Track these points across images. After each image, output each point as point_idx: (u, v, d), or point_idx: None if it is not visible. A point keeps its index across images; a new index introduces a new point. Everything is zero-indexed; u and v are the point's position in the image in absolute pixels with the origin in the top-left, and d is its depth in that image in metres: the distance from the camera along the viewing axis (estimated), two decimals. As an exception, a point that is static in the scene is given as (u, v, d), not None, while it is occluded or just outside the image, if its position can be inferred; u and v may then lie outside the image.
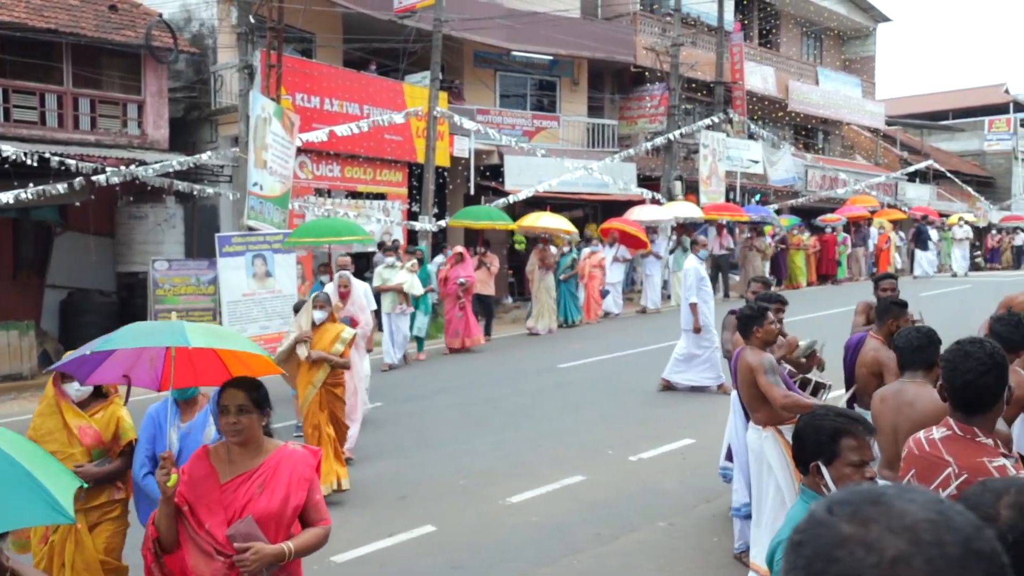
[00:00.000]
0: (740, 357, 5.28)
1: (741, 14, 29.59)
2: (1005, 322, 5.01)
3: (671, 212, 20.26)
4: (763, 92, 28.35)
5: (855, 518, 0.96)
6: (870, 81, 35.65)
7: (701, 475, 7.44)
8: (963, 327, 6.82)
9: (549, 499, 7.06)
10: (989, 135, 41.17)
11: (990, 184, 40.05)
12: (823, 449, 2.79)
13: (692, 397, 10.37)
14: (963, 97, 44.76)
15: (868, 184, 29.79)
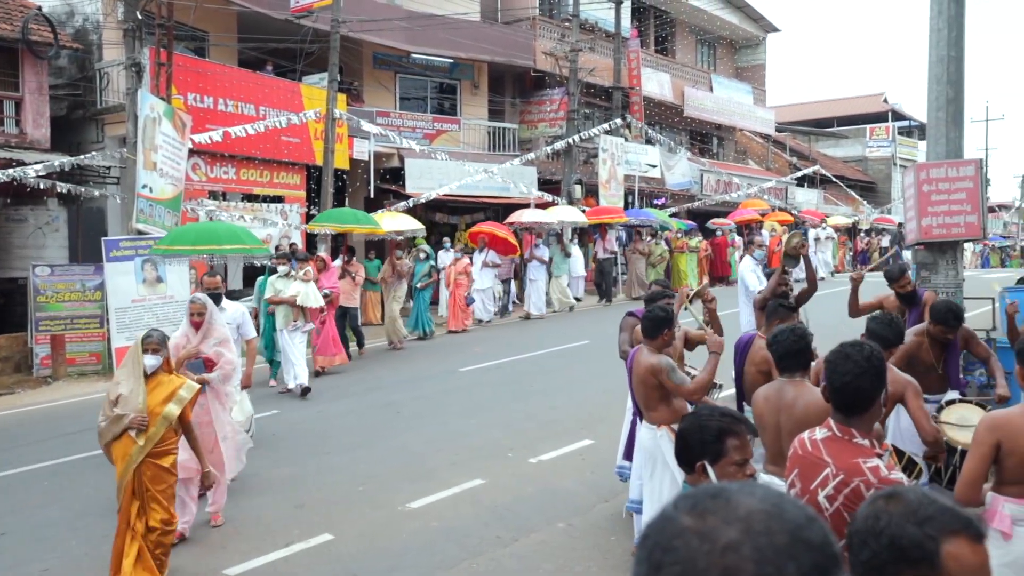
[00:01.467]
0: (636, 358, 5.35)
1: (638, 21, 30.23)
2: (879, 320, 5.26)
3: (554, 216, 20.17)
4: (660, 98, 29.01)
5: (694, 511, 0.99)
6: (761, 89, 36.90)
7: (600, 475, 7.53)
8: (850, 326, 7.13)
9: (448, 503, 7.03)
10: (870, 142, 43.23)
11: (872, 189, 42.02)
12: (708, 448, 2.85)
13: (590, 397, 10.50)
14: (847, 105, 46.82)
15: (760, 188, 30.81)
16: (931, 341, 6.06)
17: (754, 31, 36.20)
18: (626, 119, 25.57)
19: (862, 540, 1.60)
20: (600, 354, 12.30)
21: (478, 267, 17.86)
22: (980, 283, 18.45)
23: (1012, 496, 3.55)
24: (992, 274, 27.43)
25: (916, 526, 1.57)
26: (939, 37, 8.05)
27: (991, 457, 3.58)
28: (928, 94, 8.26)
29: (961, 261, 8.20)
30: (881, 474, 2.83)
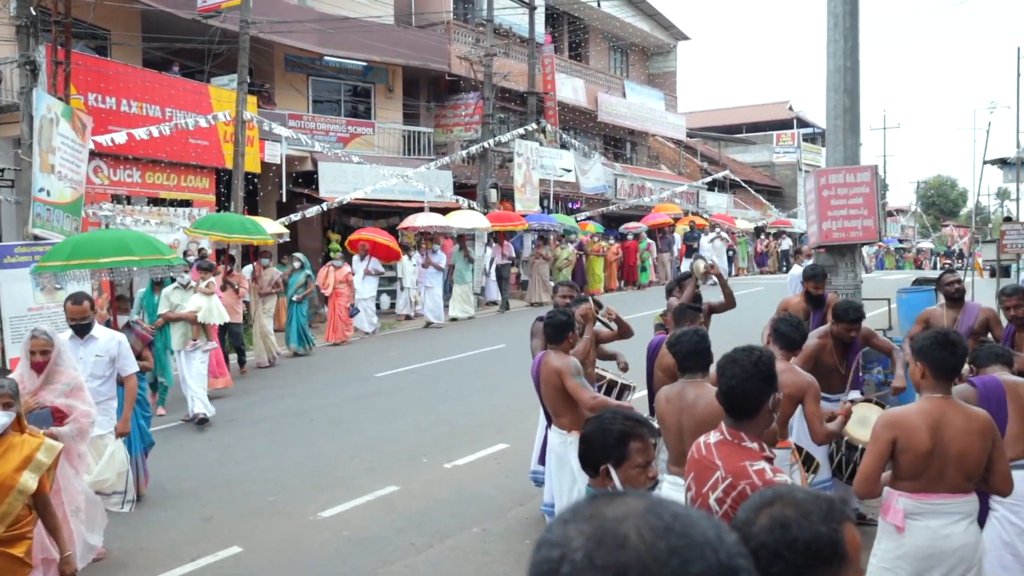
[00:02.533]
0: (543, 362, 5.39)
1: (552, 27, 30.50)
2: (786, 322, 5.42)
3: (454, 221, 19.59)
4: (574, 103, 29.32)
5: (559, 520, 1.00)
6: (672, 95, 37.65)
7: (514, 479, 7.55)
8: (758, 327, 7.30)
9: (362, 511, 6.94)
10: (777, 148, 44.60)
11: (779, 193, 43.30)
12: (611, 452, 2.87)
13: (506, 401, 10.52)
14: (754, 112, 48.18)
15: (673, 192, 31.42)
16: (834, 342, 6.26)
17: (665, 39, 36.93)
18: (541, 124, 25.76)
19: (774, 552, 1.58)
20: (517, 358, 12.32)
21: (360, 276, 16.95)
22: (878, 284, 19.18)
23: (906, 491, 3.69)
24: (891, 276, 28.61)
25: (823, 524, 1.59)
26: (836, 48, 8.35)
27: (887, 453, 3.70)
28: (827, 103, 8.57)
29: (860, 263, 8.52)
30: (766, 476, 2.86)
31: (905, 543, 3.68)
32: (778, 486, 1.70)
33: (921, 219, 59.92)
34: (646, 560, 0.93)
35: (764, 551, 1.57)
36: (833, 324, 6.21)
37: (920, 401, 3.77)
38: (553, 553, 0.96)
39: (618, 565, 0.92)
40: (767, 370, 3.00)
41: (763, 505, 1.63)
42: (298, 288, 14.80)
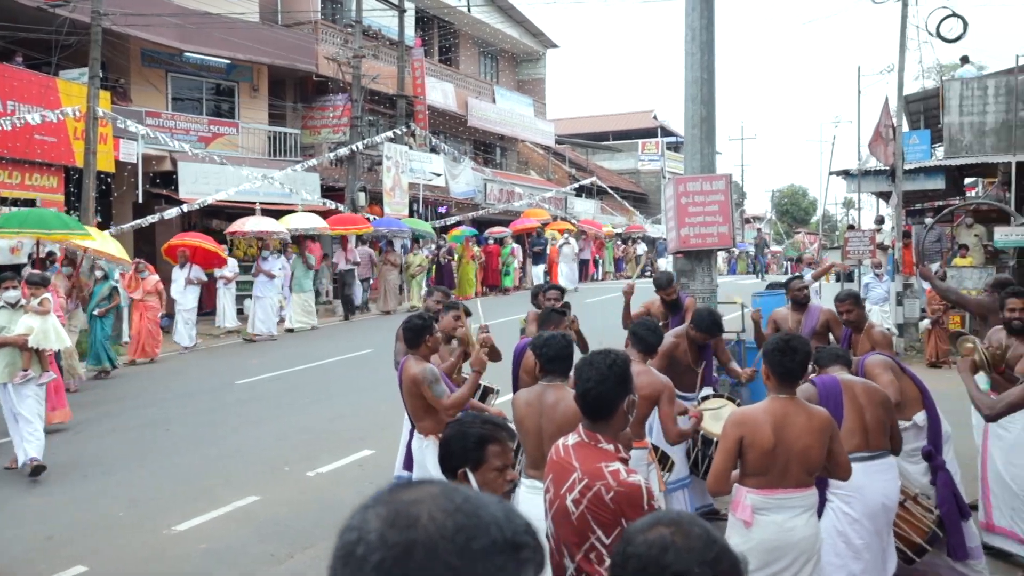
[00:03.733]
0: (404, 367, 5.36)
1: (422, 30, 30.43)
2: (644, 326, 5.58)
3: (290, 223, 18.46)
4: (444, 107, 29.32)
5: (361, 506, 1.09)
6: (541, 102, 38.22)
7: (379, 485, 7.44)
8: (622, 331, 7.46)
9: (220, 523, 6.70)
10: (642, 156, 45.97)
11: (644, 200, 44.64)
12: (470, 455, 2.87)
13: (372, 407, 10.39)
14: (621, 121, 49.51)
15: (541, 198, 31.88)
16: (689, 342, 6.49)
17: (534, 46, 37.45)
18: (410, 127, 25.64)
19: (641, 566, 1.56)
20: (384, 362, 12.15)
21: (181, 285, 15.74)
22: (734, 288, 20.02)
23: (753, 487, 3.85)
24: (745, 280, 29.95)
25: (699, 565, 1.56)
26: (693, 60, 8.68)
27: (736, 451, 3.87)
28: (685, 113, 8.89)
29: (715, 268, 8.87)
30: (620, 477, 2.92)
31: (753, 537, 3.84)
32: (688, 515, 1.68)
33: (776, 226, 62.95)
34: (434, 537, 1.01)
35: (635, 561, 1.58)
36: (692, 329, 6.42)
37: (766, 401, 3.96)
38: (351, 536, 1.04)
39: (407, 543, 1.00)
40: (621, 372, 3.07)
41: (661, 523, 1.63)
42: (100, 301, 12.98)
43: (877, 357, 5.36)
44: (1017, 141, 15.35)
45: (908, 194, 18.15)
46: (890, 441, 4.49)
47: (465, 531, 1.02)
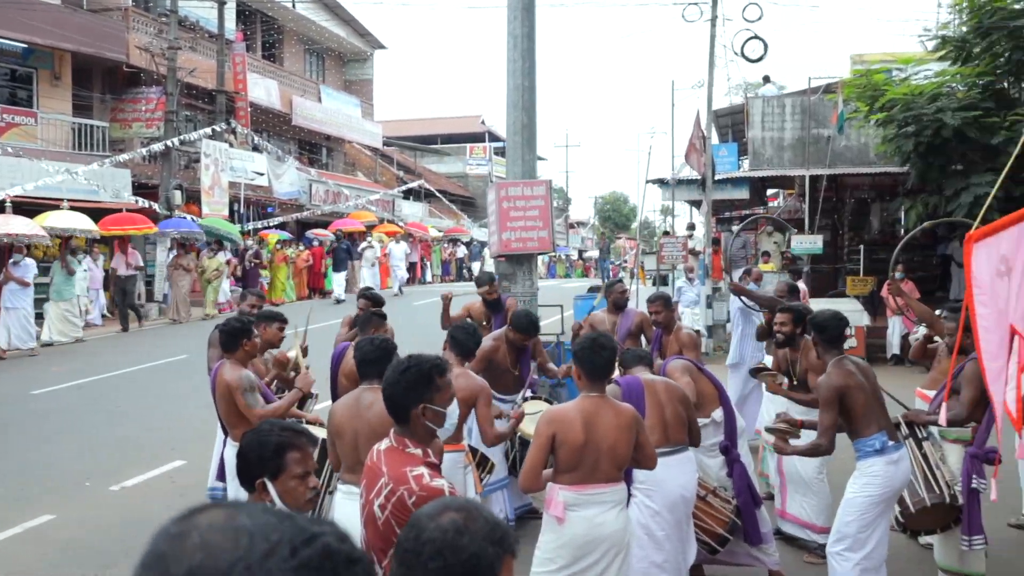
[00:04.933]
0: (218, 372, 5.15)
1: (243, 24, 29.37)
2: (462, 329, 5.62)
3: (49, 223, 16.23)
4: (267, 105, 28.43)
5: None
6: (369, 103, 37.81)
7: (190, 498, 7.09)
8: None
9: (8, 546, 6.18)
10: (470, 160, 46.42)
11: (472, 204, 45.03)
12: (268, 464, 2.78)
13: (185, 416, 9.90)
14: (449, 125, 49.75)
15: (368, 200, 31.52)
16: (508, 345, 6.60)
17: (362, 46, 37.00)
18: (231, 124, 24.68)
19: (437, 550, 1.62)
20: (200, 368, 11.67)
21: None
22: (557, 291, 20.57)
23: (566, 484, 3.96)
24: (568, 283, 30.84)
25: (493, 545, 1.65)
26: (515, 68, 8.84)
27: (548, 448, 3.97)
28: (507, 119, 9.04)
29: (536, 271, 9.07)
30: (423, 482, 2.93)
31: (565, 533, 3.95)
32: (472, 501, 1.77)
33: (599, 231, 65.24)
34: None
35: (431, 546, 1.63)
36: (510, 331, 6.53)
37: (577, 400, 4.09)
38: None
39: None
40: (413, 379, 3.07)
41: (451, 508, 1.71)
42: None
43: (677, 362, 5.66)
44: (810, 156, 16.63)
45: (717, 203, 19.27)
46: (689, 435, 4.75)
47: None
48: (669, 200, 21.05)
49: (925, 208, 13.80)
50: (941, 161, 13.51)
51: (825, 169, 16.50)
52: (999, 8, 12.97)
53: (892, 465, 4.61)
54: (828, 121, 16.51)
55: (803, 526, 6.06)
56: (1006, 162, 13.54)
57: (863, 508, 4.61)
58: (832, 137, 16.39)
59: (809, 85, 17.36)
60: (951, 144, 13.08)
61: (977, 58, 13.63)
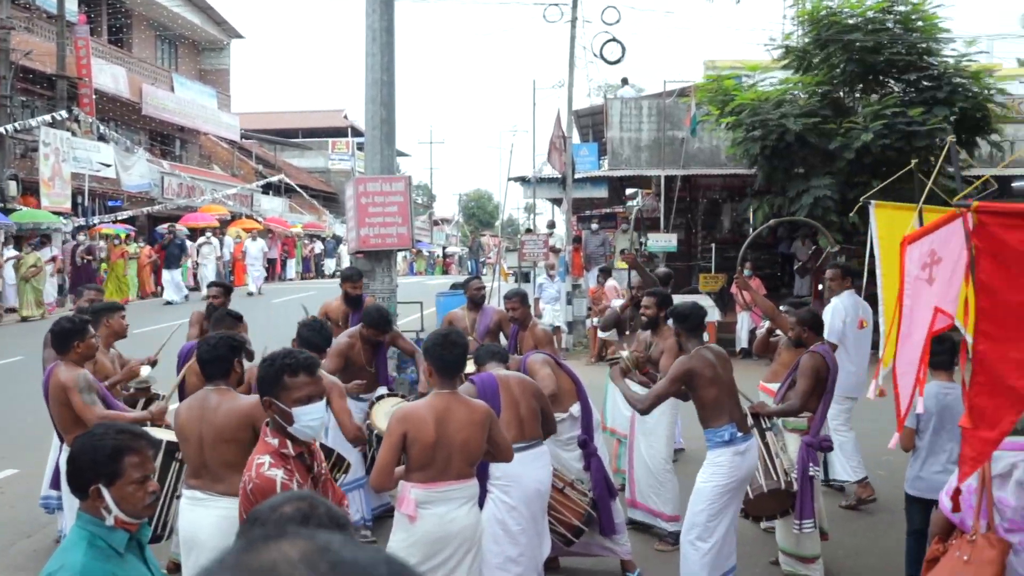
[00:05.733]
0: (52, 374, 4.85)
1: (87, 6, 27.75)
2: (309, 327, 5.50)
3: None
4: (114, 93, 26.98)
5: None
6: (225, 94, 36.51)
7: (21, 508, 6.69)
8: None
9: None
10: (333, 155, 45.59)
11: (335, 199, 44.24)
12: (103, 470, 2.64)
13: (16, 422, 9.26)
14: (311, 118, 48.64)
15: (225, 194, 30.44)
16: (363, 342, 6.50)
17: (218, 35, 35.66)
18: (73, 112, 23.28)
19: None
20: (37, 372, 10.96)
21: None
22: (420, 288, 20.50)
23: (418, 481, 3.93)
24: (432, 281, 30.78)
25: (339, 530, 1.60)
26: (374, 62, 8.72)
27: (400, 447, 3.93)
28: (366, 114, 8.91)
29: (395, 268, 8.98)
30: (260, 470, 3.03)
31: (416, 531, 3.92)
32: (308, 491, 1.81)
33: (463, 228, 65.38)
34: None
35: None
36: (363, 328, 6.44)
37: (428, 397, 4.07)
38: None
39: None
40: (264, 372, 3.22)
41: (292, 499, 1.71)
42: None
43: (538, 355, 5.73)
44: (666, 157, 17.20)
45: (578, 201, 19.66)
46: (545, 426, 4.80)
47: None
48: (531, 198, 21.34)
49: (771, 208, 14.51)
50: (785, 164, 14.24)
51: (679, 170, 17.10)
52: (835, 22, 13.80)
53: (739, 456, 4.81)
54: (682, 123, 17.12)
55: (654, 515, 6.25)
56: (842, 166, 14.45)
57: (712, 497, 4.79)
58: (686, 139, 17.01)
59: (664, 88, 17.95)
60: (794, 148, 13.82)
61: (816, 68, 14.46)
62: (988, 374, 4.10)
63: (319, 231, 38.34)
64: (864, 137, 13.09)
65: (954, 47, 14.25)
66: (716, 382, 4.82)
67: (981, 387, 4.16)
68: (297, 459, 3.21)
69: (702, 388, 4.80)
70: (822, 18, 14.02)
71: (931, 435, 4.96)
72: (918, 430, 5.00)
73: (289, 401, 3.15)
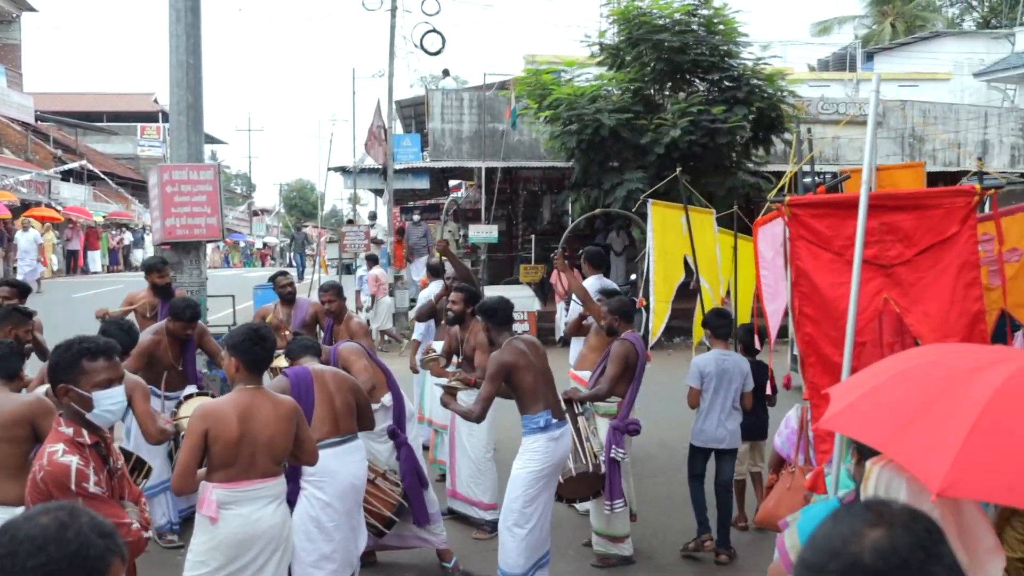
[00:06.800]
0: None
1: None
2: (118, 325, 5.17)
3: None
4: None
5: None
6: (17, 71, 33.68)
7: None
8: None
9: None
10: (142, 141, 43.03)
11: (144, 187, 41.82)
12: None
13: None
14: (117, 101, 45.68)
15: (17, 180, 28.09)
16: (170, 339, 6.18)
17: (7, 6, 32.79)
18: None
19: (38, 547, 1.51)
20: None
21: None
22: (239, 280, 19.77)
23: (220, 481, 3.78)
24: (252, 273, 29.73)
25: (103, 538, 1.58)
26: (178, 43, 8.29)
27: (202, 446, 3.76)
28: (170, 98, 8.47)
29: (204, 260, 8.59)
30: (53, 458, 3.04)
31: (219, 532, 3.77)
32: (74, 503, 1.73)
33: (285, 219, 63.55)
34: None
35: (30, 544, 1.55)
36: (169, 322, 6.14)
37: (232, 393, 3.93)
38: None
39: None
40: (58, 359, 3.18)
41: (51, 509, 1.63)
42: None
43: (350, 345, 5.64)
44: (487, 149, 17.40)
45: (400, 192, 19.55)
46: (361, 420, 4.74)
47: None
48: (351, 189, 21.00)
49: (588, 201, 14.98)
50: (600, 158, 14.73)
51: (500, 162, 17.34)
52: (645, 22, 14.40)
53: (554, 442, 4.92)
54: (503, 116, 17.36)
55: (472, 504, 6.31)
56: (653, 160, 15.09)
57: (527, 483, 4.88)
58: (506, 132, 17.26)
59: (485, 81, 18.14)
60: (608, 142, 14.32)
61: (629, 65, 15.03)
62: (816, 354, 4.55)
63: (127, 220, 36.09)
64: (672, 133, 13.75)
65: (751, 51, 15.21)
66: (531, 369, 4.91)
67: (812, 366, 4.61)
68: (93, 448, 3.18)
69: (519, 377, 4.88)
70: (633, 17, 14.58)
71: (711, 395, 5.82)
72: (702, 390, 5.84)
73: (88, 386, 3.13)
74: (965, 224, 4.22)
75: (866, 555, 1.29)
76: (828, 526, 1.37)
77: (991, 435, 2.05)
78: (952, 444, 2.05)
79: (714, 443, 5.85)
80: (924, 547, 1.30)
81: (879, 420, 2.35)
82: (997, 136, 20.40)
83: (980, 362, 2.34)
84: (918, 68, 29.07)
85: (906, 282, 4.25)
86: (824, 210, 4.41)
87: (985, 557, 2.25)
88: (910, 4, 37.82)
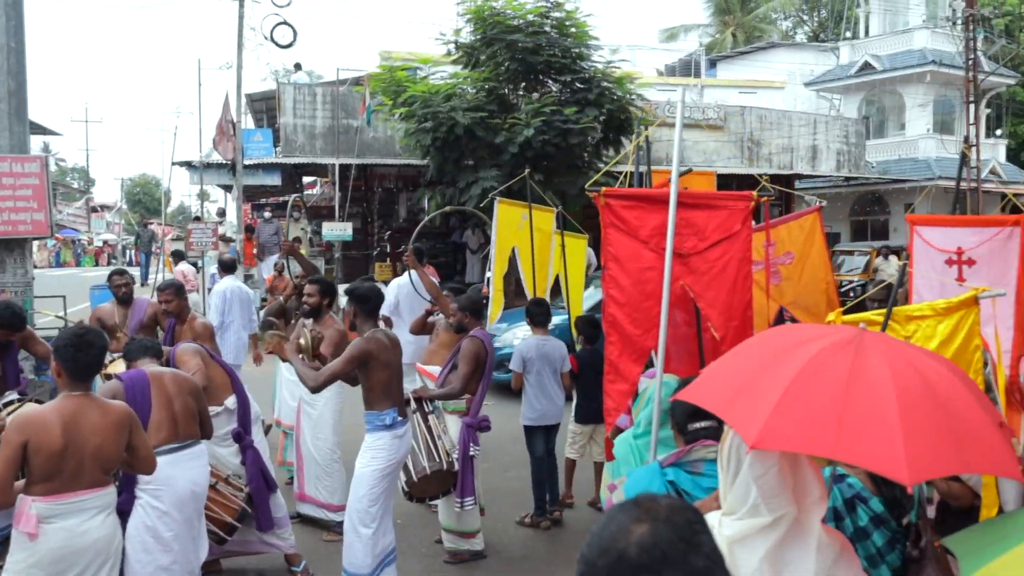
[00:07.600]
0: None
1: None
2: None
3: None
4: None
5: None
6: None
7: None
8: None
9: None
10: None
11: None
12: None
13: None
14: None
15: None
16: (-9, 343, 5.74)
17: None
18: None
19: None
20: None
21: None
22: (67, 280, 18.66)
23: (40, 495, 3.54)
24: (91, 272, 28.09)
25: None
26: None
27: (19, 458, 3.51)
28: (-9, 84, 7.86)
29: (30, 258, 8.04)
30: None
31: (39, 549, 3.53)
32: None
33: (128, 216, 60.41)
34: None
35: None
36: (2, 328, 5.69)
37: (56, 400, 3.69)
38: None
39: None
40: None
41: None
42: None
43: (187, 345, 5.40)
44: (341, 145, 17.10)
45: (251, 188, 18.95)
46: (201, 427, 4.54)
47: None
48: (197, 184, 20.18)
49: (443, 198, 14.97)
50: (455, 156, 14.76)
51: (355, 159, 17.08)
52: (499, 22, 14.53)
53: (398, 439, 4.87)
54: (357, 112, 17.11)
55: (321, 507, 6.18)
56: (507, 159, 15.23)
57: (372, 482, 4.80)
58: (361, 128, 17.02)
59: (338, 76, 17.82)
60: (463, 141, 14.36)
61: (483, 64, 15.13)
62: (619, 333, 4.89)
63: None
64: (526, 133, 13.94)
65: (601, 54, 15.60)
66: (388, 366, 4.83)
67: (614, 346, 4.97)
68: None
69: (374, 371, 4.78)
70: (488, 17, 14.67)
71: (535, 376, 6.37)
72: (525, 372, 6.37)
73: None
74: (744, 224, 4.89)
75: (631, 550, 1.35)
76: (603, 523, 1.43)
77: (800, 396, 2.33)
78: (768, 404, 2.33)
79: (544, 420, 6.41)
80: (685, 539, 1.37)
81: (718, 389, 2.65)
82: (825, 142, 21.80)
83: (804, 338, 2.61)
84: (756, 76, 30.68)
85: (699, 270, 4.84)
86: (633, 202, 4.86)
87: (812, 508, 2.49)
88: (749, 16, 39.88)
